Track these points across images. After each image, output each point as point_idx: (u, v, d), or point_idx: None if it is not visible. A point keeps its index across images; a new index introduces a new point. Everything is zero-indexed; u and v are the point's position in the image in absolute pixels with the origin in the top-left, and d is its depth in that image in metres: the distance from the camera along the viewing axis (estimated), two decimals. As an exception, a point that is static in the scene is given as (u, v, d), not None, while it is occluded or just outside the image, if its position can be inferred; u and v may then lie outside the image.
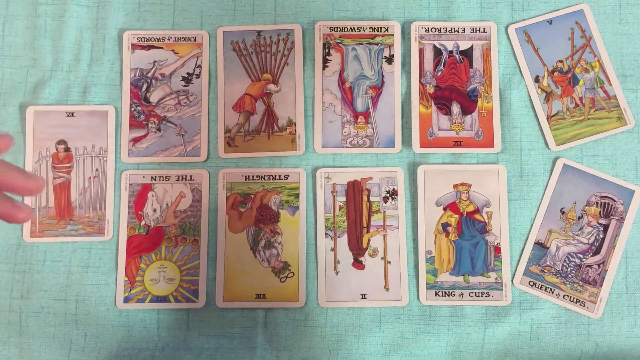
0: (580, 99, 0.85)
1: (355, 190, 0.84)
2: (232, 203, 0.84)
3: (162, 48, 0.87)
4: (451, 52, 0.86)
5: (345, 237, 0.83)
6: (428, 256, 0.82)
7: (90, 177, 0.84)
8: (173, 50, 0.87)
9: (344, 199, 0.84)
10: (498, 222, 0.83)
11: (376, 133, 0.85)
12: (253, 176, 0.84)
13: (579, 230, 0.83)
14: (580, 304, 0.81)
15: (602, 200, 0.83)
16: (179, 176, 0.84)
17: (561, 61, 0.86)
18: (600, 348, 0.81)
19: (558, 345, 0.81)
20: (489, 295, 0.82)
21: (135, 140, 0.85)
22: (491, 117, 0.85)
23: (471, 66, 0.86)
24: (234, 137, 0.85)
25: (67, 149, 0.85)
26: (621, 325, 0.81)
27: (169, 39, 0.87)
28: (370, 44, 0.87)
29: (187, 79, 0.86)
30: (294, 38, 0.87)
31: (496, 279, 0.82)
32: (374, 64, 0.86)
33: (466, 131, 0.85)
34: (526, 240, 0.83)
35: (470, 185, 0.84)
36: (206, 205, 0.84)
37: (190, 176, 0.84)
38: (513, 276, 0.82)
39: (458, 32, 0.87)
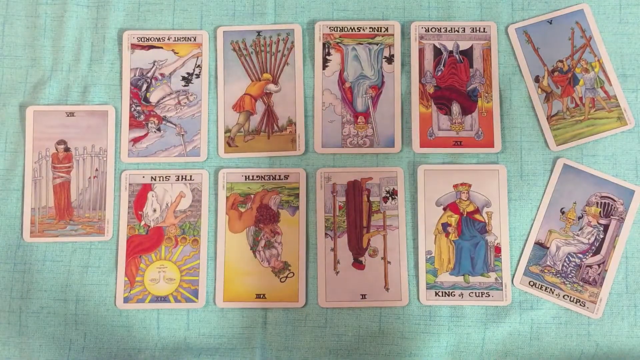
0: (580, 99, 0.85)
1: (355, 190, 0.84)
2: (232, 203, 0.84)
3: (162, 48, 0.87)
4: (451, 52, 0.86)
5: (345, 237, 0.83)
6: (428, 256, 0.82)
7: (90, 177, 0.84)
8: (173, 50, 0.87)
9: (344, 199, 0.84)
10: (498, 222, 0.83)
11: (376, 133, 0.85)
12: (253, 176, 0.84)
13: (579, 230, 0.83)
14: (580, 304, 0.81)
15: (602, 200, 0.83)
16: (179, 176, 0.84)
17: (561, 61, 0.86)
18: (601, 348, 0.81)
19: (558, 345, 0.81)
20: (489, 296, 0.82)
21: (135, 140, 0.85)
22: (491, 117, 0.85)
23: (471, 66, 0.86)
24: (234, 137, 0.85)
25: (67, 149, 0.85)
26: (621, 325, 0.81)
27: (169, 39, 0.87)
28: (370, 44, 0.87)
29: (187, 79, 0.86)
30: (294, 38, 0.87)
31: (496, 279, 0.82)
32: (374, 63, 0.86)
33: (466, 131, 0.85)
34: (526, 240, 0.83)
35: (470, 185, 0.84)
36: (206, 205, 0.84)
37: (190, 176, 0.84)
38: (513, 276, 0.82)
39: (458, 32, 0.87)
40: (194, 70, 0.87)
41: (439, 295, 0.82)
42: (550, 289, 0.82)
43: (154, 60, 0.87)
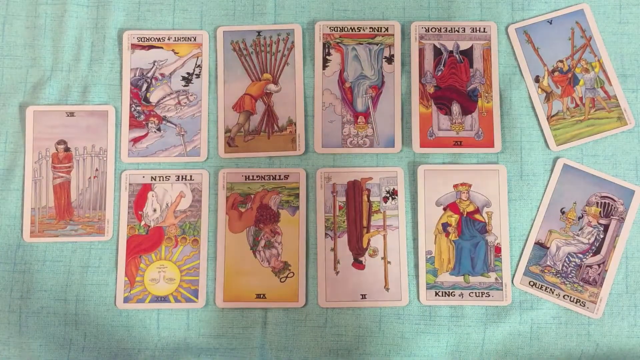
0: (581, 99, 0.85)
1: (355, 190, 0.84)
2: (232, 203, 0.84)
3: (162, 48, 0.87)
4: (451, 52, 0.86)
5: (345, 237, 0.83)
6: (428, 256, 0.82)
7: (90, 177, 0.84)
8: (173, 50, 0.87)
9: (344, 199, 0.84)
10: (498, 222, 0.83)
11: (376, 133, 0.85)
12: (253, 176, 0.84)
13: (579, 230, 0.83)
14: (580, 304, 0.81)
15: (602, 200, 0.83)
16: (179, 176, 0.84)
17: (561, 61, 0.86)
18: (601, 348, 0.81)
19: (558, 345, 0.81)
20: (489, 295, 0.82)
21: (135, 140, 0.85)
22: (491, 117, 0.85)
23: (471, 66, 0.86)
24: (234, 137, 0.85)
25: (67, 149, 0.85)
26: (621, 325, 0.81)
27: (169, 39, 0.87)
28: (370, 44, 0.87)
29: (187, 79, 0.86)
30: (294, 38, 0.87)
31: (496, 279, 0.82)
32: (374, 63, 0.86)
33: (466, 131, 0.85)
34: (526, 240, 0.83)
35: (470, 185, 0.84)
36: (206, 205, 0.84)
37: (190, 176, 0.84)
38: (513, 276, 0.82)
39: (458, 32, 0.87)
40: (194, 70, 0.87)
41: (439, 295, 0.82)
42: (550, 289, 0.82)
43: (154, 60, 0.87)
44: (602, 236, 0.82)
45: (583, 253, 0.82)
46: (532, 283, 0.82)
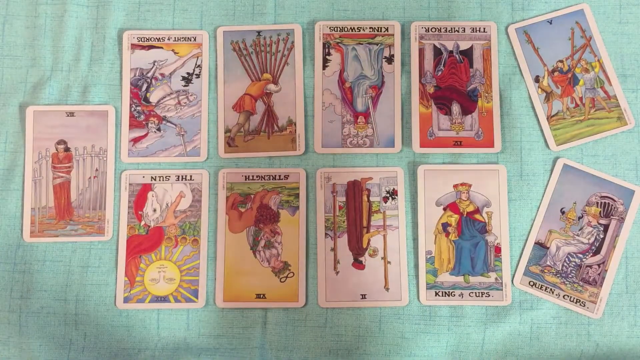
0: (581, 99, 0.85)
1: (355, 190, 0.84)
2: (232, 203, 0.84)
3: (162, 48, 0.87)
4: (451, 52, 0.86)
5: (345, 237, 0.83)
6: (428, 256, 0.82)
7: (90, 177, 0.84)
8: (173, 50, 0.87)
9: (344, 199, 0.84)
10: (498, 222, 0.83)
11: (376, 133, 0.85)
12: (253, 176, 0.84)
13: (579, 230, 0.83)
14: (580, 304, 0.81)
15: (602, 200, 0.83)
16: (179, 176, 0.84)
17: (561, 61, 0.86)
18: (601, 348, 0.81)
19: (558, 345, 0.81)
20: (489, 295, 0.82)
21: (135, 140, 0.85)
22: (491, 117, 0.85)
23: (471, 66, 0.86)
24: (234, 137, 0.85)
25: (67, 149, 0.85)
26: (621, 325, 0.81)
27: (169, 39, 0.87)
28: (370, 44, 0.87)
29: (187, 79, 0.86)
30: (294, 38, 0.87)
31: (496, 279, 0.82)
32: (374, 63, 0.86)
33: (466, 131, 0.85)
34: (526, 240, 0.83)
35: (470, 185, 0.84)
36: (206, 205, 0.84)
37: (190, 176, 0.84)
38: (513, 276, 0.82)
39: (458, 32, 0.87)
40: (194, 70, 0.87)
41: (439, 295, 0.82)
42: (550, 289, 0.82)
43: (154, 60, 0.87)
44: (602, 236, 0.82)
45: (583, 253, 0.82)
46: (532, 283, 0.82)
